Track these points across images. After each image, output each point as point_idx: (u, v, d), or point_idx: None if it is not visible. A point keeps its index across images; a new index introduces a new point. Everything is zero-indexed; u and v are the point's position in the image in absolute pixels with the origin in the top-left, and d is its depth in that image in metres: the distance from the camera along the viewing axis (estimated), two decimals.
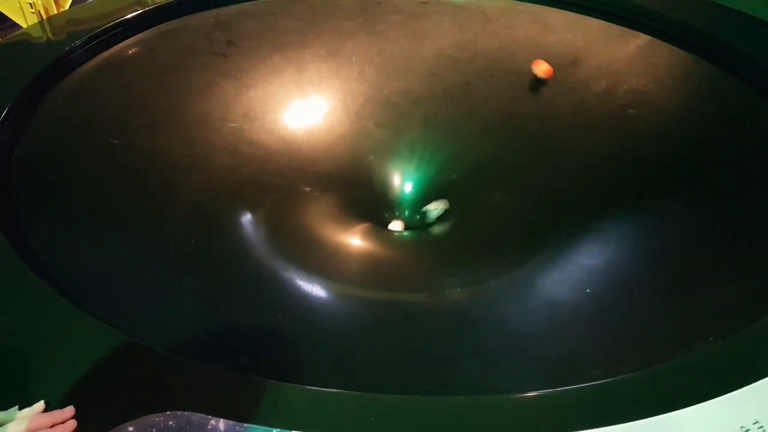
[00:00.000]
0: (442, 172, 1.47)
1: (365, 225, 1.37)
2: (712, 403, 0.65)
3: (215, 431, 0.62)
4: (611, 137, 1.33)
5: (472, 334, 0.88)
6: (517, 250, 1.09)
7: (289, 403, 0.65)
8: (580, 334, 0.85)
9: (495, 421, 0.65)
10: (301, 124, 1.48)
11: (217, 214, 1.21)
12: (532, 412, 0.65)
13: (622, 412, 0.64)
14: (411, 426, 0.64)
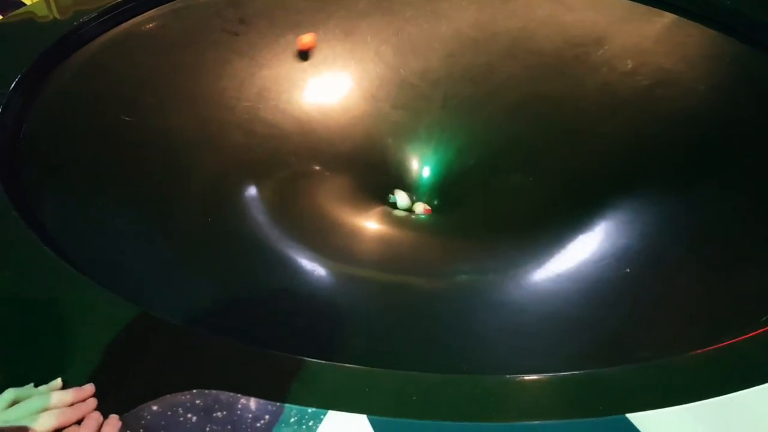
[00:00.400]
0: (461, 155, 1.43)
1: (382, 208, 1.33)
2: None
3: (246, 410, 0.58)
4: (638, 118, 1.29)
5: (509, 316, 0.84)
6: (547, 231, 1.05)
7: (326, 381, 0.60)
8: (624, 314, 0.81)
9: (544, 400, 0.60)
10: (316, 105, 1.44)
11: (232, 194, 1.17)
12: (585, 391, 0.61)
13: (685, 391, 0.60)
14: (454, 405, 0.59)
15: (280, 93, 1.42)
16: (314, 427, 0.56)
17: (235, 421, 0.57)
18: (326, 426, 0.56)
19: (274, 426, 0.56)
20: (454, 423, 0.57)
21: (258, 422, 0.56)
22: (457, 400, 0.59)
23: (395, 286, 1.01)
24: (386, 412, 0.57)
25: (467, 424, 0.57)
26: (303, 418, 0.57)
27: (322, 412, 0.57)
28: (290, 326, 0.78)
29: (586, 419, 0.58)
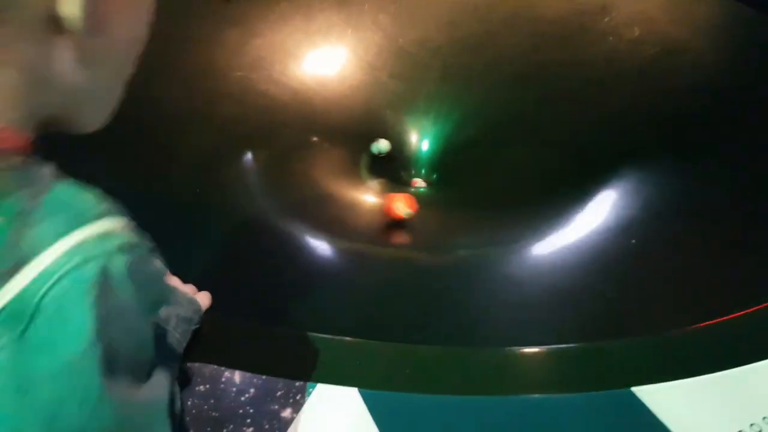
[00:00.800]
0: (461, 126, 1.39)
1: (380, 181, 1.30)
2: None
3: (230, 384, 0.55)
4: (645, 88, 1.24)
5: (509, 288, 0.81)
6: (551, 203, 1.01)
7: (315, 354, 0.57)
8: (628, 287, 0.77)
9: (543, 373, 0.58)
10: (312, 75, 1.39)
11: (224, 166, 1.14)
12: (588, 364, 0.58)
13: (689, 365, 0.57)
14: (450, 378, 0.57)
15: (274, 63, 1.37)
16: (302, 400, 0.53)
17: (219, 395, 0.54)
18: (315, 399, 0.53)
19: (259, 400, 0.53)
20: (449, 396, 0.54)
21: (243, 396, 0.54)
22: (453, 373, 0.57)
23: (392, 259, 0.98)
24: (378, 385, 0.55)
25: (463, 398, 0.54)
26: (290, 391, 0.54)
27: (311, 386, 0.54)
28: (280, 298, 0.75)
29: (589, 393, 0.55)
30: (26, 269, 0.30)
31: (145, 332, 0.37)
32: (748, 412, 0.54)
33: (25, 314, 0.29)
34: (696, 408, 0.54)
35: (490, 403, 0.54)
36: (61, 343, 0.30)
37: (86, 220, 0.32)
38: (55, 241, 0.31)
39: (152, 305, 0.38)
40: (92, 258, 0.31)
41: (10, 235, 0.30)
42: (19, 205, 0.31)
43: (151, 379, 0.38)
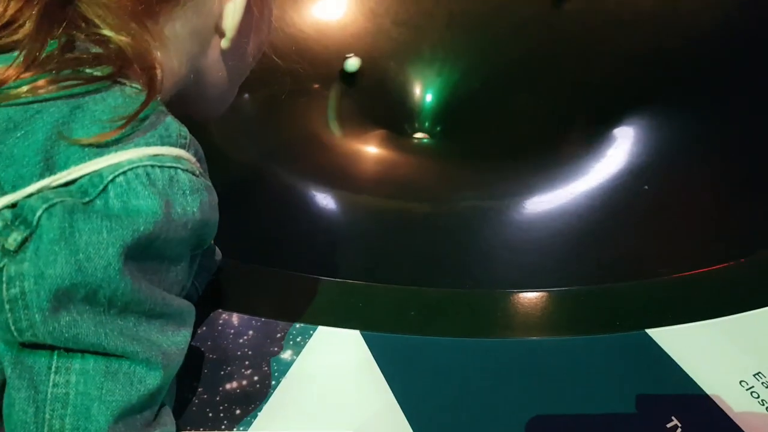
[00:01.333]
0: (468, 75, 1.34)
1: (383, 132, 1.26)
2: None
3: (227, 326, 0.53)
4: (659, 31, 1.19)
5: (518, 233, 0.79)
6: (561, 150, 0.98)
7: (316, 296, 0.55)
8: (641, 231, 0.75)
9: (554, 316, 0.55)
10: (311, 22, 1.34)
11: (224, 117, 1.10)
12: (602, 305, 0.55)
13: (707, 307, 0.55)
14: (454, 320, 0.55)
15: (272, 8, 1.32)
16: (302, 343, 0.51)
17: (216, 336, 0.52)
18: (315, 342, 0.52)
19: (258, 342, 0.51)
20: (454, 339, 0.52)
21: (240, 338, 0.52)
22: (458, 315, 0.55)
23: (397, 208, 0.96)
24: (381, 328, 0.53)
25: (469, 340, 0.52)
26: (290, 334, 0.52)
27: (312, 328, 0.52)
28: (279, 242, 0.73)
29: (602, 335, 0.53)
30: (103, 158, 0.36)
31: (185, 259, 0.42)
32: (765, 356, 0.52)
33: (96, 188, 0.36)
34: (712, 350, 0.52)
35: (496, 345, 0.52)
36: (126, 218, 0.36)
37: (168, 143, 0.39)
38: (136, 147, 0.37)
39: (201, 237, 0.43)
40: (165, 166, 0.38)
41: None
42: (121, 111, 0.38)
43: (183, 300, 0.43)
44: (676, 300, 0.56)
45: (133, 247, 0.36)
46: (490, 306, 0.55)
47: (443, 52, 1.38)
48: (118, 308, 0.36)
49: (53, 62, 0.39)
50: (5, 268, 0.34)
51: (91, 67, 0.40)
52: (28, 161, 0.36)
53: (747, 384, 0.49)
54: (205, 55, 0.50)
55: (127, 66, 0.41)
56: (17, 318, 0.34)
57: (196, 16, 0.47)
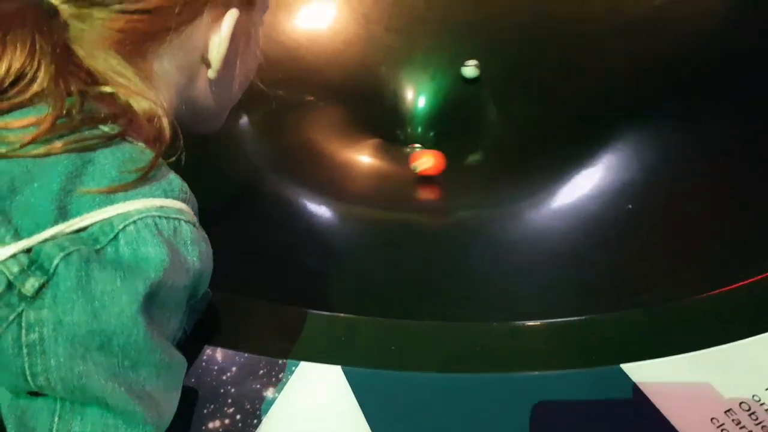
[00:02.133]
0: (461, 82, 1.34)
1: (375, 140, 1.27)
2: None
3: (211, 362, 0.54)
4: (647, 41, 1.19)
5: (500, 255, 0.79)
6: (547, 163, 0.99)
7: (299, 330, 0.56)
8: (624, 254, 0.76)
9: (533, 350, 0.56)
10: (303, 29, 1.35)
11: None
12: (579, 339, 0.56)
13: (683, 340, 0.56)
14: (437, 354, 0.56)
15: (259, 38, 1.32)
16: (284, 380, 0.52)
17: (200, 373, 0.53)
18: (297, 378, 0.53)
19: (241, 379, 0.52)
20: (435, 374, 0.53)
21: (224, 375, 0.53)
22: (440, 349, 0.56)
23: (386, 222, 0.97)
24: (362, 363, 0.54)
25: (446, 376, 0.53)
26: (273, 370, 0.53)
27: (294, 364, 0.54)
28: (265, 270, 0.73)
29: (578, 370, 0.54)
30: (113, 207, 0.39)
31: (183, 308, 0.45)
32: (740, 389, 0.53)
33: (107, 236, 0.38)
34: (685, 386, 0.53)
35: (474, 381, 0.53)
36: (136, 267, 0.38)
37: (172, 196, 0.42)
38: (143, 198, 0.40)
39: (197, 286, 0.45)
40: (170, 217, 0.41)
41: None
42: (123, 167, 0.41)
43: None
44: (652, 332, 0.57)
45: (145, 295, 0.38)
46: (469, 339, 0.56)
47: (436, 58, 1.38)
48: (132, 359, 0.38)
49: (73, 121, 0.41)
50: (24, 314, 0.36)
51: (104, 124, 0.42)
52: (44, 209, 0.37)
53: (718, 421, 0.50)
54: (194, 85, 0.52)
55: (135, 120, 0.44)
56: (33, 363, 0.35)
57: (183, 51, 0.49)
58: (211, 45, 0.50)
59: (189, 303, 0.47)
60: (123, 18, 0.43)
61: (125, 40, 0.44)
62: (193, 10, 0.47)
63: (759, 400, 0.52)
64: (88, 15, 0.43)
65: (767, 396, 0.52)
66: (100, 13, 0.43)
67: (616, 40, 1.19)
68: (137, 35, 0.45)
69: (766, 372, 0.54)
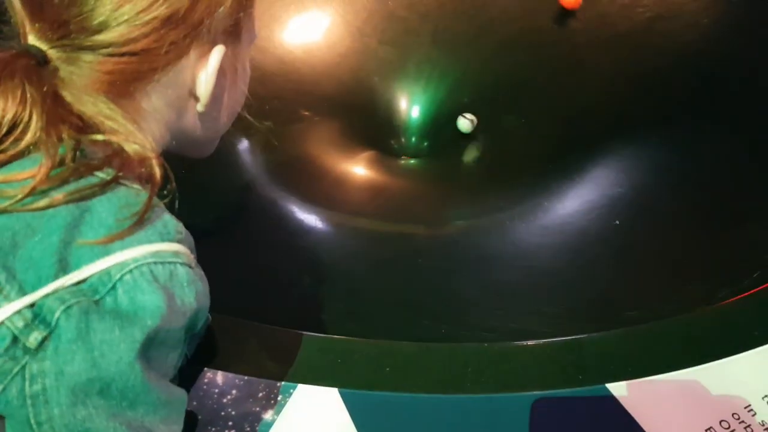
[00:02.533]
0: (453, 93, 1.36)
1: (371, 152, 1.28)
2: (766, 348, 0.59)
3: (212, 385, 0.56)
4: (637, 53, 1.22)
5: (491, 270, 0.81)
6: (535, 176, 1.01)
7: (297, 353, 0.58)
8: (612, 271, 0.78)
9: (522, 370, 0.58)
10: (299, 42, 1.36)
11: None
12: (566, 359, 0.58)
13: (665, 359, 0.58)
14: (430, 375, 0.58)
15: (260, 29, 1.34)
16: (283, 402, 0.54)
17: (201, 396, 0.55)
18: (296, 400, 0.55)
19: (241, 402, 0.54)
20: (428, 395, 0.55)
21: (225, 398, 0.55)
22: (432, 371, 0.58)
23: (379, 236, 0.99)
24: (358, 385, 0.55)
25: (442, 397, 0.55)
26: (272, 392, 0.55)
27: (292, 386, 0.55)
28: (263, 291, 0.75)
29: (566, 389, 0.56)
30: (110, 257, 0.40)
31: (182, 344, 0.46)
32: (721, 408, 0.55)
33: (105, 286, 0.39)
34: (668, 405, 0.55)
35: (467, 402, 0.55)
36: (134, 315, 0.39)
37: (167, 239, 0.43)
38: (139, 245, 0.41)
39: (196, 322, 0.46)
40: (165, 262, 0.41)
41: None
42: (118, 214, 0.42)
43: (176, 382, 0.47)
44: (637, 352, 0.59)
45: (143, 342, 0.39)
46: (461, 360, 0.58)
47: (429, 70, 1.40)
48: (129, 400, 0.39)
49: (68, 170, 0.41)
50: (28, 366, 0.37)
51: (99, 170, 0.43)
52: (45, 263, 0.39)
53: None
54: (183, 119, 0.53)
55: (127, 162, 0.44)
56: (37, 412, 0.37)
57: (171, 89, 0.50)
58: (199, 81, 0.50)
59: (193, 329, 0.48)
60: (111, 61, 0.44)
61: (114, 82, 0.45)
62: (179, 50, 0.48)
63: (738, 419, 0.54)
64: (77, 59, 0.44)
65: (747, 415, 0.54)
66: (89, 57, 0.44)
67: (604, 54, 1.21)
68: (125, 77, 0.46)
69: (747, 391, 0.56)
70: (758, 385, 0.56)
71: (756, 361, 0.58)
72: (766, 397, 0.56)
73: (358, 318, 0.71)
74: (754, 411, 0.55)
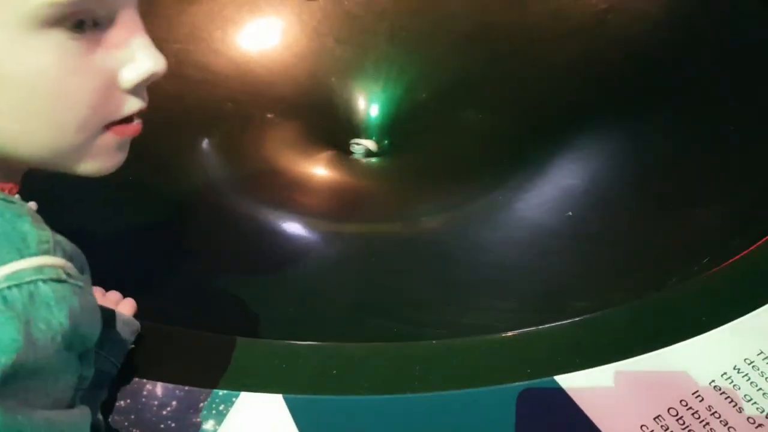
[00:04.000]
0: (411, 91, 1.35)
1: (329, 152, 1.27)
2: (713, 333, 0.59)
3: (151, 397, 0.54)
4: (590, 46, 1.22)
5: (446, 267, 0.81)
6: (493, 172, 1.00)
7: (238, 359, 0.57)
8: (564, 262, 0.78)
9: (471, 366, 0.58)
10: (253, 44, 1.34)
11: (162, 148, 1.09)
12: (515, 353, 0.58)
13: (614, 348, 0.58)
14: (377, 376, 0.56)
15: (213, 32, 1.32)
16: (225, 411, 0.53)
17: (140, 409, 0.53)
18: (238, 409, 0.53)
19: (181, 413, 0.52)
20: (375, 397, 0.54)
21: (164, 409, 0.53)
22: (379, 371, 0.57)
23: (334, 236, 0.97)
24: (303, 390, 0.54)
25: (389, 397, 0.54)
26: (213, 402, 0.53)
27: (234, 394, 0.54)
28: (205, 298, 0.73)
29: (514, 384, 0.55)
30: None
31: (69, 364, 0.40)
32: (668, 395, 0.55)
33: None
34: (616, 395, 0.55)
35: (415, 401, 0.54)
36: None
37: (27, 254, 0.37)
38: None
39: (82, 338, 0.40)
40: (23, 283, 0.36)
41: None
42: None
43: (73, 409, 0.41)
44: (585, 343, 0.59)
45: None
46: (408, 359, 0.57)
47: (386, 68, 1.39)
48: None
49: None
50: None
51: None
52: None
53: (647, 428, 0.52)
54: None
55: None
56: None
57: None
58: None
59: (85, 346, 0.42)
60: None
61: None
62: None
63: (686, 405, 0.54)
64: None
65: (694, 401, 0.54)
66: None
67: (558, 48, 1.22)
68: None
69: (695, 376, 0.56)
70: (706, 371, 0.56)
71: (703, 347, 0.58)
72: (713, 382, 0.56)
73: (307, 321, 0.70)
74: (702, 396, 0.55)
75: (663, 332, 0.59)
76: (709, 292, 0.64)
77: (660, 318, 0.61)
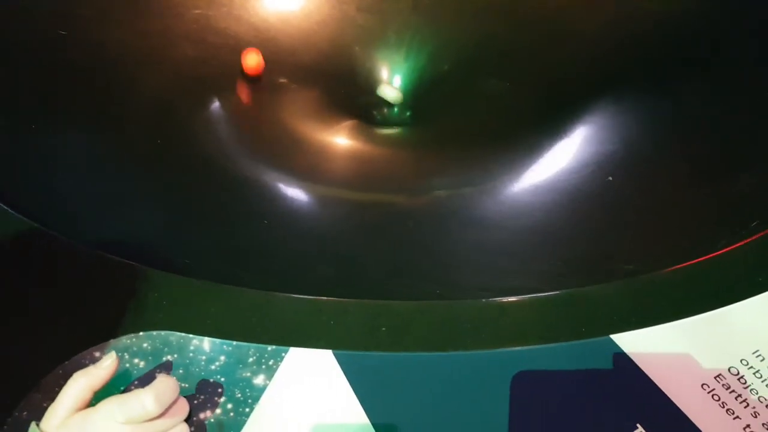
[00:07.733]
0: (434, 60, 1.33)
1: (352, 122, 1.25)
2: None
3: (199, 352, 0.53)
4: (622, 12, 1.19)
5: (483, 234, 0.79)
6: (521, 141, 0.98)
7: (287, 316, 0.55)
8: (607, 227, 0.76)
9: (523, 324, 0.56)
10: (275, 10, 1.31)
11: (183, 113, 1.07)
12: (568, 312, 0.56)
13: (670, 308, 0.56)
14: (426, 334, 0.55)
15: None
16: (275, 366, 0.51)
17: (188, 364, 0.52)
18: (288, 364, 0.52)
19: (230, 367, 0.51)
20: (426, 354, 0.53)
21: (212, 364, 0.52)
22: (429, 329, 0.55)
23: (366, 204, 0.95)
24: (353, 346, 0.53)
25: (440, 354, 0.53)
26: (263, 357, 0.52)
27: (284, 350, 0.53)
28: (249, 257, 0.72)
29: (568, 342, 0.54)
30: None
31: None
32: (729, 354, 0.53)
33: None
34: (675, 354, 0.53)
35: (465, 358, 0.53)
36: None
37: None
38: None
39: None
40: None
41: None
42: None
43: None
44: (640, 302, 0.57)
45: None
46: (458, 317, 0.56)
47: (409, 37, 1.36)
48: None
49: None
50: None
51: None
52: None
53: (708, 387, 0.51)
54: None
55: None
56: None
57: None
58: None
59: None
60: None
61: None
62: None
63: (747, 364, 0.53)
64: None
65: (755, 360, 0.53)
66: None
67: (590, 11, 1.19)
68: None
69: (753, 337, 0.54)
70: (765, 330, 0.55)
71: (761, 307, 0.57)
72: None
73: (349, 282, 0.68)
74: (762, 356, 0.53)
75: (719, 293, 0.57)
76: (763, 254, 0.62)
77: (715, 279, 0.59)
